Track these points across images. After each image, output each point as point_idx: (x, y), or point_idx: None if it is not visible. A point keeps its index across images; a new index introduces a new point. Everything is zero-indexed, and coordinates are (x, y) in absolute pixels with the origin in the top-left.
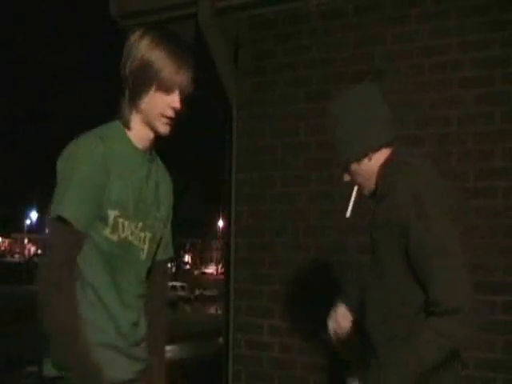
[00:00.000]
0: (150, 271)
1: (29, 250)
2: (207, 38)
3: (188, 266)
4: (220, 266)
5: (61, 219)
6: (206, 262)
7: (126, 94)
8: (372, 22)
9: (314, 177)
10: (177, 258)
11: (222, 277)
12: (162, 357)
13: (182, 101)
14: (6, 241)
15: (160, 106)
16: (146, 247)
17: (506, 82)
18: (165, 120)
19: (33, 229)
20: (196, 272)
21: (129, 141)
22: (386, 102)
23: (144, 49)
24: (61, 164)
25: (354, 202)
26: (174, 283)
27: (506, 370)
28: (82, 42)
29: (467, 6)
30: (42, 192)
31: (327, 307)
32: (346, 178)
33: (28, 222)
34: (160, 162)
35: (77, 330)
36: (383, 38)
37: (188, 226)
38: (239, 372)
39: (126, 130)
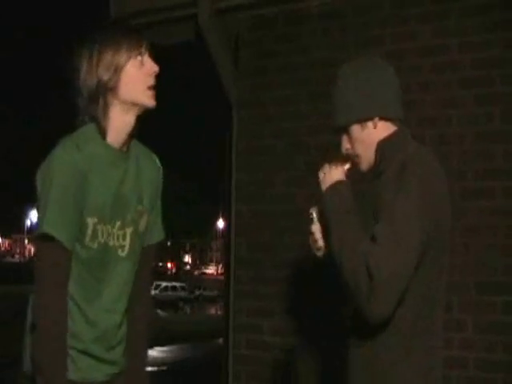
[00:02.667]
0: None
1: (29, 251)
2: (207, 38)
3: (188, 267)
4: (220, 267)
5: (46, 236)
6: (206, 263)
7: (99, 97)
8: (372, 23)
9: (314, 177)
10: (178, 259)
11: (222, 277)
12: (143, 359)
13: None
14: (6, 241)
15: (139, 79)
16: (126, 243)
17: (505, 83)
18: (149, 92)
19: (33, 229)
20: (196, 272)
21: (104, 144)
22: None
23: (99, 54)
24: (39, 178)
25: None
26: (174, 283)
27: (506, 370)
28: (81, 42)
29: (467, 6)
30: None
31: (327, 307)
32: (346, 145)
33: (28, 222)
34: (142, 148)
35: (61, 361)
36: (383, 38)
37: (188, 226)
38: (239, 372)
39: (100, 130)
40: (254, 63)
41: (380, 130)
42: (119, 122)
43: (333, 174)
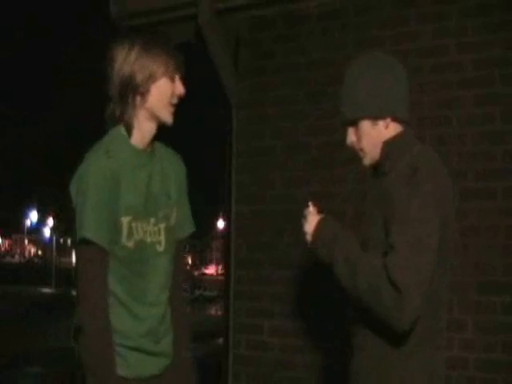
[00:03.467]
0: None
1: (29, 251)
2: (207, 38)
3: (188, 267)
4: (220, 267)
5: (85, 241)
6: (205, 263)
7: (129, 96)
8: (371, 23)
9: (314, 177)
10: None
11: (222, 277)
12: (186, 348)
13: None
14: (6, 241)
15: (165, 94)
16: (162, 238)
17: (506, 83)
18: (171, 109)
19: (33, 229)
20: (196, 272)
21: (131, 146)
22: None
23: (139, 53)
24: (74, 187)
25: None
26: None
27: (506, 370)
28: (81, 42)
29: (467, 6)
30: (42, 193)
31: (327, 307)
32: (352, 137)
33: (28, 222)
34: (166, 149)
35: (108, 356)
36: (383, 38)
37: None
38: (239, 372)
39: (128, 130)
40: (254, 63)
41: (390, 129)
42: (144, 126)
43: (311, 222)
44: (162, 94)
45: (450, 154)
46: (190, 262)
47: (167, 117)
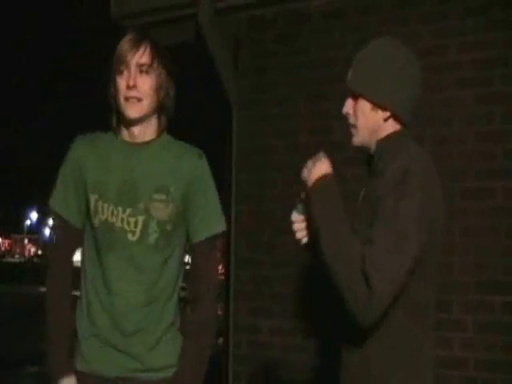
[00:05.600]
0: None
1: (29, 251)
2: (207, 38)
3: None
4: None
5: (52, 211)
6: None
7: (110, 99)
8: (372, 23)
9: None
10: None
11: (222, 277)
12: (186, 362)
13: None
14: (6, 241)
15: (119, 90)
16: (138, 229)
17: (506, 83)
18: (127, 103)
19: (33, 229)
20: None
21: (116, 138)
22: None
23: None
24: None
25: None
26: None
27: (506, 370)
28: (81, 42)
29: (467, 6)
30: (42, 192)
31: (327, 307)
32: (349, 109)
33: (28, 222)
34: (181, 145)
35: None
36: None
37: None
38: (239, 372)
39: (113, 129)
40: (254, 63)
41: (388, 123)
42: (125, 121)
43: (318, 168)
44: (118, 91)
45: (450, 154)
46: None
47: (126, 112)
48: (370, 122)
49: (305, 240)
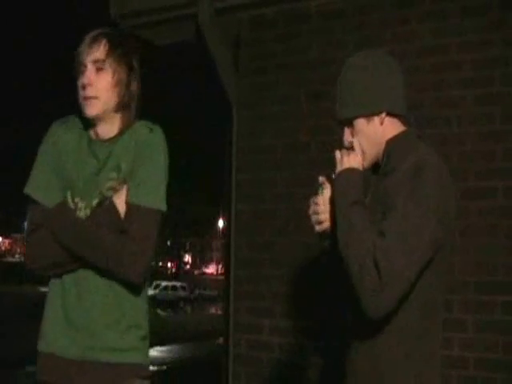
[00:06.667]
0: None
1: None
2: (207, 38)
3: (188, 266)
4: (220, 266)
5: (29, 198)
6: (206, 262)
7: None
8: (372, 22)
9: (314, 177)
10: (178, 258)
11: (222, 277)
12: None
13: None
14: (7, 241)
15: (79, 90)
16: (89, 210)
17: (506, 83)
18: (84, 102)
19: None
20: (196, 272)
21: (88, 136)
22: None
23: None
24: None
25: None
26: (174, 283)
27: (506, 370)
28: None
29: (467, 6)
30: None
31: (327, 307)
32: (348, 138)
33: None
34: (140, 129)
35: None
36: (383, 38)
37: (188, 226)
38: (239, 372)
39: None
40: (254, 63)
41: (387, 127)
42: (90, 120)
43: (351, 160)
44: (79, 91)
45: (450, 153)
46: (189, 261)
47: (84, 111)
48: (370, 134)
49: (326, 225)
